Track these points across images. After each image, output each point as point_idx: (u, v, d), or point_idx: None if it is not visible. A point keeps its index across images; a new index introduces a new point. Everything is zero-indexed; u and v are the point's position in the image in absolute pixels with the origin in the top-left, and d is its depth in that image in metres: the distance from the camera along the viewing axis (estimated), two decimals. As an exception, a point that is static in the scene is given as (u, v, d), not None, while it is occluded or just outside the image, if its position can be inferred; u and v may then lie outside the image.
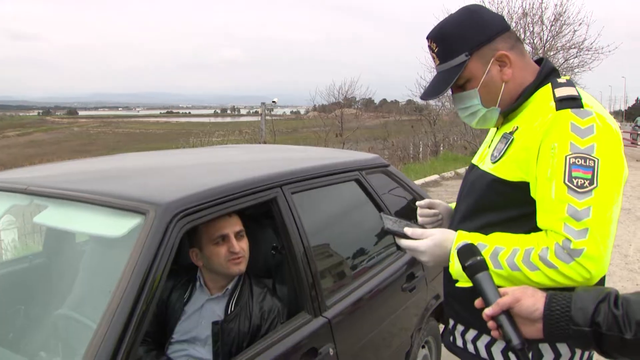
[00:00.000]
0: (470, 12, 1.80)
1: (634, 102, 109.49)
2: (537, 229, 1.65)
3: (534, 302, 1.39)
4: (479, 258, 1.50)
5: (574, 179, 1.54)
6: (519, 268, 1.58)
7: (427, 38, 1.84)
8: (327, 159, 3.31)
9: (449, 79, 1.78)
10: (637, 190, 13.63)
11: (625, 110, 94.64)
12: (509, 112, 1.83)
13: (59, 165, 3.24)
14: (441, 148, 24.71)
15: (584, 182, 1.53)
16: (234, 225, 2.48)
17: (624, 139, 1.78)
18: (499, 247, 1.64)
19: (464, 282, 1.73)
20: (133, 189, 2.30)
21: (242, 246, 2.49)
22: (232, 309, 2.47)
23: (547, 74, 1.79)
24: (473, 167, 1.95)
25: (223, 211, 2.27)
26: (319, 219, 2.95)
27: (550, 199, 1.58)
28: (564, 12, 19.46)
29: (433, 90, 1.84)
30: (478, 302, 1.47)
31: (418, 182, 14.17)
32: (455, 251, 1.70)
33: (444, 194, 12.73)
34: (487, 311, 1.42)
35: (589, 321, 1.32)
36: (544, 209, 1.61)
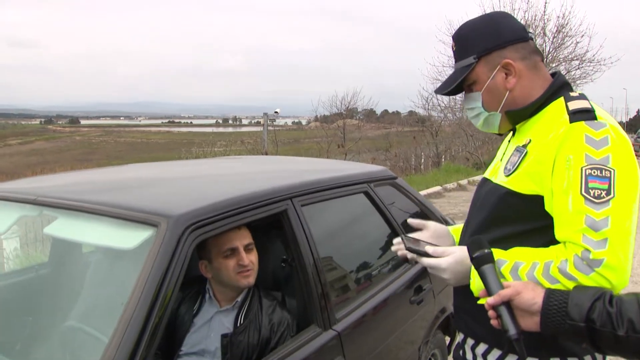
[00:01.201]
0: (488, 18, 1.88)
1: (635, 113, 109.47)
2: (552, 243, 1.64)
3: (533, 296, 1.47)
4: (486, 251, 1.57)
5: (590, 190, 1.53)
6: (539, 282, 1.56)
7: (452, 36, 1.92)
8: (336, 171, 3.31)
9: (456, 79, 1.84)
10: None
11: (627, 121, 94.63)
12: (520, 123, 1.84)
13: (68, 175, 3.22)
14: (443, 159, 24.68)
15: (601, 193, 1.52)
16: (244, 238, 2.47)
17: None
18: (519, 262, 1.62)
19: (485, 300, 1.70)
20: (144, 200, 2.29)
21: (251, 259, 2.48)
22: (242, 321, 2.46)
23: (558, 88, 1.79)
24: (485, 182, 1.95)
25: (235, 223, 2.27)
26: (328, 231, 2.94)
27: (568, 211, 1.56)
28: (566, 24, 19.54)
29: (441, 86, 1.91)
30: (482, 292, 1.58)
31: (420, 193, 14.08)
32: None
33: (446, 206, 12.71)
34: (489, 300, 1.51)
35: (584, 317, 1.39)
36: (561, 221, 1.59)
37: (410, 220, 2.14)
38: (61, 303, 2.45)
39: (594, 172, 1.54)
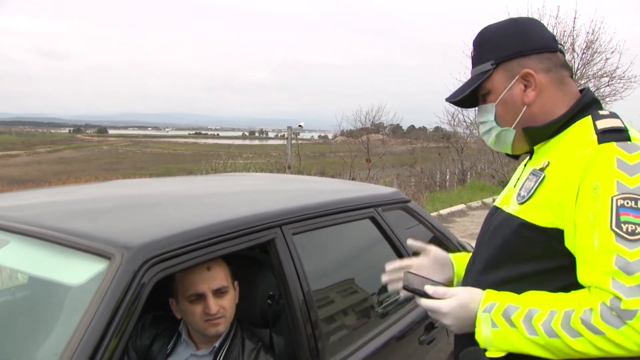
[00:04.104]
0: (513, 22, 1.67)
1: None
2: (574, 287, 1.39)
3: None
4: None
5: (622, 225, 1.30)
6: (557, 335, 1.32)
7: (472, 41, 1.73)
8: (339, 193, 2.97)
9: (470, 85, 1.66)
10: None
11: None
12: (538, 145, 1.61)
13: (36, 193, 2.90)
14: (468, 176, 24.28)
15: (636, 228, 1.29)
16: (214, 280, 2.12)
17: None
18: (533, 309, 1.38)
19: (494, 352, 1.44)
20: (102, 227, 1.96)
21: (222, 304, 2.13)
22: None
23: (586, 105, 1.57)
24: (496, 211, 1.70)
25: (207, 256, 1.94)
26: (325, 263, 2.61)
27: (594, 249, 1.33)
28: (596, 40, 19.02)
29: (453, 94, 1.72)
30: None
31: (444, 211, 13.80)
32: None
33: (470, 225, 12.29)
34: None
35: None
36: (585, 261, 1.36)
37: (411, 242, 1.89)
38: (14, 341, 2.13)
39: (627, 203, 1.32)
